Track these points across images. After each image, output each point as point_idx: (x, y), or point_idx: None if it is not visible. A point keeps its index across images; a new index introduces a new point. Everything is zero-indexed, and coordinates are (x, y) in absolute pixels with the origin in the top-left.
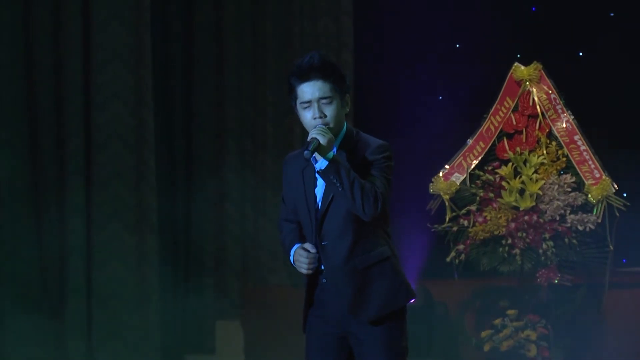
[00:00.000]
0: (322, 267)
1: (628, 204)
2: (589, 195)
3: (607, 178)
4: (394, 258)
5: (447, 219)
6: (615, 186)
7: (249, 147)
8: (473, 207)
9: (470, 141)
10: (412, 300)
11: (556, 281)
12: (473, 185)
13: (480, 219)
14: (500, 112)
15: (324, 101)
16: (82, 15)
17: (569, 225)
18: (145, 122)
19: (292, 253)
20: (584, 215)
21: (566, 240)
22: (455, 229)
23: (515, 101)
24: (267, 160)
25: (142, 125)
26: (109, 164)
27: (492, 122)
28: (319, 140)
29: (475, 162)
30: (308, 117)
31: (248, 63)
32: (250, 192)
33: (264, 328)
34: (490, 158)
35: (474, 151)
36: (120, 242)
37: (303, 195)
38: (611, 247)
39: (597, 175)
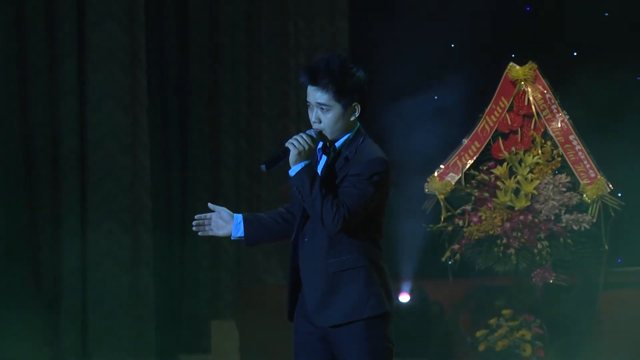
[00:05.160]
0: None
1: (623, 203)
2: (584, 195)
3: (602, 178)
4: (371, 268)
5: (442, 218)
6: (610, 186)
7: (244, 147)
8: (468, 207)
9: (465, 141)
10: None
11: (551, 281)
12: (468, 185)
13: (475, 219)
14: (496, 112)
15: (321, 107)
16: (76, 15)
17: (564, 225)
18: (140, 121)
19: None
20: (579, 215)
21: (561, 240)
22: (450, 228)
23: (511, 101)
24: (262, 160)
25: (137, 124)
26: (104, 163)
27: (487, 122)
28: (289, 150)
29: (470, 161)
30: (310, 116)
31: (243, 62)
32: (245, 191)
33: (259, 328)
34: (486, 158)
35: (469, 151)
36: (115, 242)
37: None
38: (606, 247)
39: (592, 175)
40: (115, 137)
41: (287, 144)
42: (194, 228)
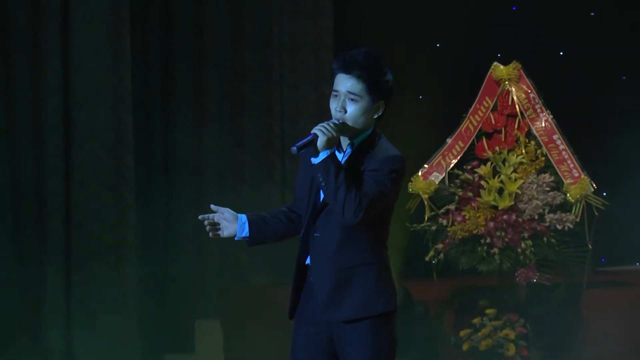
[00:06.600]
0: (307, 264)
1: (607, 203)
2: (568, 195)
3: (586, 177)
4: (380, 266)
5: (426, 218)
6: (594, 185)
7: (228, 146)
8: (452, 207)
9: (449, 140)
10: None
11: (535, 280)
12: (452, 185)
13: (459, 218)
14: (480, 112)
15: (350, 97)
16: (61, 15)
17: (547, 224)
18: (124, 121)
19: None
20: (563, 214)
21: (545, 239)
22: (434, 228)
23: (495, 100)
24: (246, 159)
25: (121, 124)
26: (88, 163)
27: (471, 122)
28: (317, 137)
29: (454, 161)
30: (332, 106)
31: (227, 62)
32: (230, 191)
33: (243, 327)
34: (469, 157)
35: (453, 150)
36: (99, 242)
37: (310, 179)
38: (590, 247)
39: (576, 175)
40: (99, 135)
41: (314, 130)
42: (207, 228)
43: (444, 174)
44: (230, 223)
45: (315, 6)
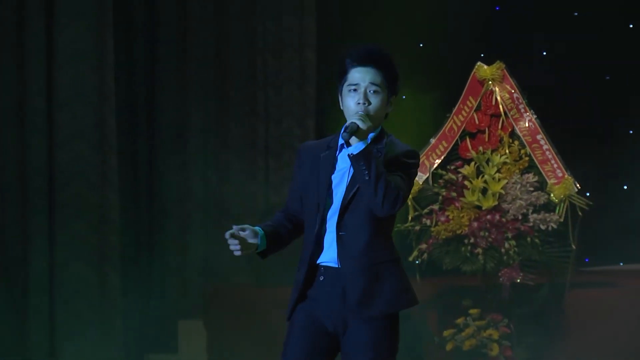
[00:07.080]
0: (319, 263)
1: (590, 203)
2: (552, 195)
3: (570, 177)
4: (400, 262)
5: (410, 218)
6: (578, 185)
7: (212, 146)
8: (435, 207)
9: (432, 140)
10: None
11: (518, 280)
12: (436, 185)
13: (442, 218)
14: (463, 112)
15: (372, 88)
16: (45, 15)
17: (531, 224)
18: (108, 122)
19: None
20: (547, 214)
21: (528, 239)
22: (417, 228)
23: (478, 100)
24: (231, 160)
25: (105, 125)
26: (71, 163)
27: (455, 122)
28: (358, 125)
29: (437, 161)
30: (352, 101)
31: (211, 62)
32: (213, 191)
33: (226, 328)
34: (453, 157)
35: (437, 150)
36: (83, 242)
37: (316, 178)
38: (573, 247)
39: (560, 175)
40: (82, 137)
41: (354, 120)
42: (232, 247)
43: (427, 174)
44: (252, 239)
45: (299, 6)
